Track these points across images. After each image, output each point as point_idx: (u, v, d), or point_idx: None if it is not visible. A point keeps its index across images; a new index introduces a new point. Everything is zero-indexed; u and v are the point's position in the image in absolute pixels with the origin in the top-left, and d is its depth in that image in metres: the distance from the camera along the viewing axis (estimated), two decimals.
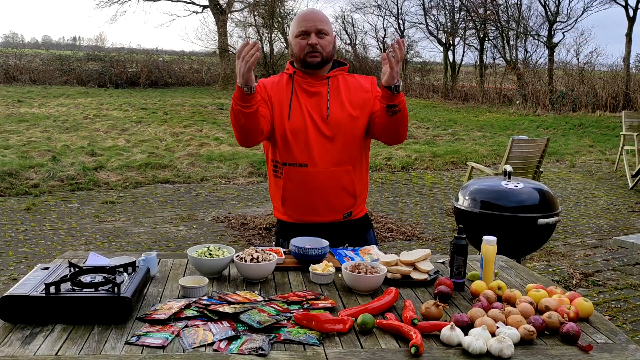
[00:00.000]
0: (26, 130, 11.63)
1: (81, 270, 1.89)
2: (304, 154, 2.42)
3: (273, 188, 2.58)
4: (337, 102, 2.45)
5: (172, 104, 17.49)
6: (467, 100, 21.74)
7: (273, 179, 2.55)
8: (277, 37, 18.16)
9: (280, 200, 2.52)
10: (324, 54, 2.42)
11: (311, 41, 2.39)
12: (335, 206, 2.48)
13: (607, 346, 1.69)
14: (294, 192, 2.47)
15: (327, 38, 2.43)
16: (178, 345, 1.60)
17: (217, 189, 7.80)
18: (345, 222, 2.54)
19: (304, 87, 2.47)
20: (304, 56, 2.42)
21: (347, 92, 2.49)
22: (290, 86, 2.48)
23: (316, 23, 2.40)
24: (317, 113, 2.43)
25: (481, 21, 22.59)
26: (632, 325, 3.98)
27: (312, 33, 2.40)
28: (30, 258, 5.03)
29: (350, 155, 2.46)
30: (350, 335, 1.70)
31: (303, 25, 2.41)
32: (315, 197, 2.45)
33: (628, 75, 17.80)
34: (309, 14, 2.44)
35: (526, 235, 3.60)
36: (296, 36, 2.43)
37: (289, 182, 2.46)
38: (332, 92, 2.46)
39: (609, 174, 9.51)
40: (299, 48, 2.42)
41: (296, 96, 2.46)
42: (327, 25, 2.44)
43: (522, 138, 6.27)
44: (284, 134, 2.44)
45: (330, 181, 2.44)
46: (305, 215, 2.51)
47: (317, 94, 2.46)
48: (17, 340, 1.60)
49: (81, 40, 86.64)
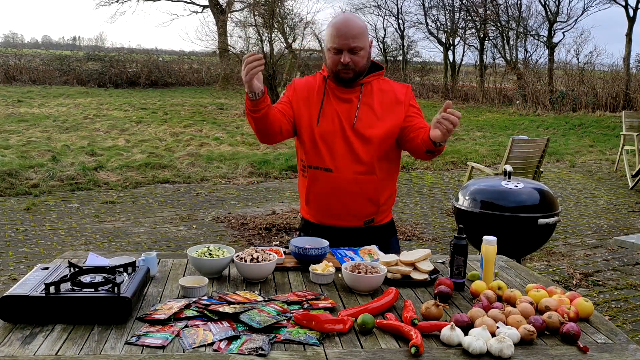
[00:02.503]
0: (26, 130, 11.63)
1: (81, 270, 1.89)
2: (329, 159, 2.43)
3: (300, 186, 2.61)
4: (366, 110, 2.43)
5: (172, 104, 17.49)
6: (467, 100, 21.74)
7: (301, 177, 2.58)
8: (277, 37, 18.15)
9: (305, 200, 2.55)
10: (357, 70, 2.39)
11: (343, 60, 2.35)
12: (356, 212, 2.48)
13: (607, 346, 1.69)
14: (318, 195, 2.50)
15: (361, 53, 2.37)
16: (178, 345, 1.60)
17: (217, 189, 7.80)
18: (367, 227, 2.53)
19: (336, 93, 2.46)
20: (336, 71, 2.40)
21: (379, 100, 2.45)
22: (322, 89, 2.48)
23: (349, 41, 2.33)
24: (346, 120, 2.42)
25: (481, 21, 22.59)
26: (632, 325, 3.98)
27: (344, 51, 2.35)
28: (30, 258, 5.03)
29: (375, 163, 2.44)
30: (350, 335, 1.70)
31: (336, 41, 2.34)
32: (337, 202, 2.46)
33: (628, 75, 17.80)
34: (343, 28, 2.33)
35: (526, 235, 3.60)
36: (329, 49, 2.39)
37: (314, 184, 2.49)
38: (363, 100, 2.44)
39: (609, 174, 9.51)
40: (332, 62, 2.39)
41: (328, 100, 2.45)
42: (362, 39, 2.35)
43: (522, 138, 6.27)
44: (312, 138, 2.44)
45: (353, 188, 2.43)
46: (326, 218, 2.53)
47: (349, 100, 2.44)
48: (17, 340, 1.60)
49: (81, 40, 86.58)
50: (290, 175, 8.59)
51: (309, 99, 2.48)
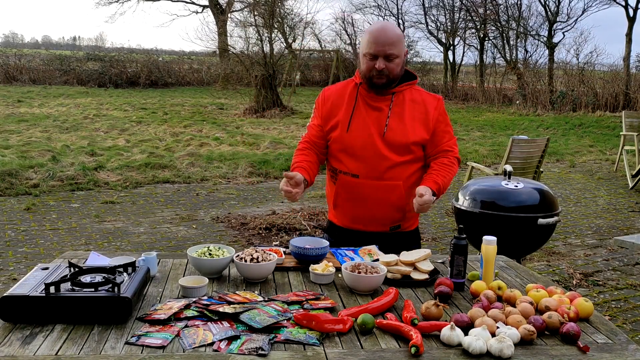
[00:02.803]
0: (26, 130, 11.63)
1: (81, 270, 1.89)
2: (356, 165, 2.45)
3: (328, 190, 2.64)
4: (397, 120, 2.44)
5: (172, 104, 17.49)
6: (467, 100, 21.73)
7: (330, 182, 2.61)
8: (277, 37, 18.16)
9: (333, 204, 2.59)
10: (391, 77, 2.41)
11: (378, 66, 2.36)
12: (382, 219, 2.51)
13: (607, 346, 1.69)
14: (345, 200, 2.53)
15: (396, 60, 2.39)
16: (178, 345, 1.60)
17: (217, 189, 7.80)
18: (392, 234, 2.55)
19: (367, 101, 2.47)
20: (370, 76, 2.41)
21: (410, 111, 2.47)
22: (354, 97, 2.50)
23: (385, 47, 2.35)
24: (375, 128, 2.44)
25: (481, 21, 22.59)
26: (632, 325, 3.98)
27: (380, 57, 2.36)
28: (30, 258, 5.03)
29: (402, 171, 2.46)
30: (350, 335, 1.70)
31: (373, 47, 2.36)
32: (364, 207, 2.49)
33: (628, 75, 17.80)
34: (380, 35, 2.36)
35: (526, 235, 3.59)
36: (364, 54, 2.41)
37: (341, 189, 2.52)
38: (393, 109, 2.45)
39: (609, 174, 9.51)
40: (366, 68, 2.41)
41: (358, 108, 2.47)
42: (398, 46, 2.38)
43: (522, 138, 6.27)
44: (341, 144, 2.47)
45: (379, 194, 2.46)
46: (352, 223, 2.56)
47: (379, 109, 2.46)
48: (17, 340, 1.60)
49: (81, 40, 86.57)
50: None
51: (339, 106, 2.51)
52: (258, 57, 15.95)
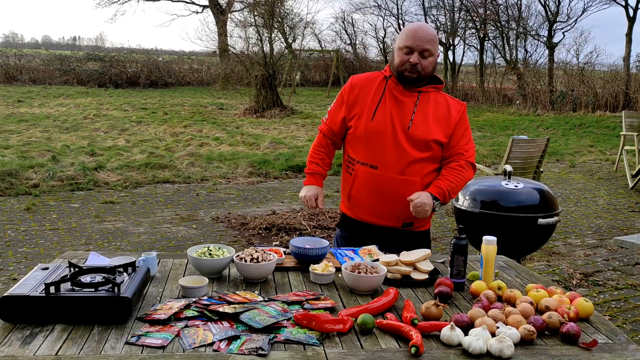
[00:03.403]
0: (26, 130, 11.63)
1: (81, 270, 1.89)
2: (376, 156, 2.48)
3: (343, 182, 2.67)
4: (421, 117, 2.48)
5: (172, 104, 17.49)
6: (467, 100, 21.71)
7: (345, 173, 2.63)
8: (277, 37, 18.16)
9: (347, 195, 2.61)
10: (422, 73, 2.45)
11: (413, 59, 2.41)
12: (396, 213, 2.52)
13: (607, 346, 1.69)
14: (360, 191, 2.55)
15: (430, 59, 2.45)
16: (178, 345, 1.60)
17: (217, 189, 7.80)
18: (403, 231, 2.57)
19: (395, 94, 2.51)
20: (402, 70, 2.45)
21: (434, 111, 2.51)
22: (382, 88, 2.53)
23: (423, 43, 2.41)
24: (399, 122, 2.47)
25: (481, 21, 22.59)
26: (632, 325, 3.98)
27: (416, 52, 2.41)
28: (30, 258, 5.03)
29: (421, 168, 2.49)
30: (350, 335, 1.70)
31: (410, 41, 2.42)
32: (379, 200, 2.51)
33: (628, 75, 17.79)
34: (419, 31, 2.43)
35: (526, 235, 3.60)
36: (400, 48, 2.45)
37: (358, 180, 2.54)
38: (419, 106, 2.49)
39: (609, 174, 9.51)
40: (400, 61, 2.45)
41: (385, 100, 2.50)
42: (434, 45, 2.45)
43: (522, 138, 6.27)
44: (364, 132, 2.50)
45: (396, 188, 2.47)
46: (366, 214, 2.58)
47: (405, 104, 2.49)
48: (17, 340, 1.60)
49: (81, 40, 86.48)
50: (290, 175, 8.60)
51: (366, 95, 2.54)
52: (258, 57, 15.96)
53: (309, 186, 2.63)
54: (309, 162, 2.70)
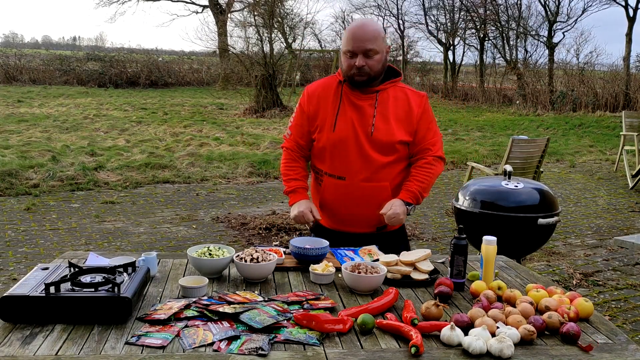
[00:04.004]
0: (26, 130, 11.63)
1: (81, 270, 1.89)
2: (342, 167, 2.43)
3: (314, 191, 2.62)
4: (382, 119, 2.42)
5: (172, 104, 17.49)
6: (467, 100, 21.74)
7: (315, 182, 2.59)
8: (277, 37, 18.17)
9: (319, 205, 2.56)
10: (372, 74, 2.37)
11: (358, 63, 2.33)
12: (369, 220, 2.49)
13: (607, 346, 1.69)
14: (331, 202, 2.51)
15: (376, 57, 2.35)
16: (178, 345, 1.60)
17: (217, 189, 7.80)
18: (379, 234, 2.54)
19: (352, 99, 2.44)
20: (350, 74, 2.39)
21: (394, 109, 2.44)
22: (338, 95, 2.46)
23: (365, 43, 2.32)
24: (361, 128, 2.41)
25: (481, 21, 22.58)
26: (632, 325, 3.98)
27: (359, 54, 2.33)
28: (30, 258, 5.03)
29: (389, 171, 2.45)
30: (350, 335, 1.70)
31: (351, 44, 2.33)
32: (350, 209, 2.48)
33: (628, 75, 17.79)
34: (358, 32, 2.34)
35: (526, 235, 3.59)
36: (344, 52, 2.38)
37: (327, 192, 2.50)
38: (379, 108, 2.42)
39: (609, 174, 9.51)
40: (347, 66, 2.38)
41: (344, 107, 2.43)
42: (377, 42, 2.34)
43: (522, 138, 6.27)
44: (328, 144, 2.44)
45: (367, 196, 2.44)
46: (339, 224, 2.54)
47: (364, 108, 2.43)
48: (17, 340, 1.60)
49: (81, 40, 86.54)
50: None
51: (325, 105, 2.47)
52: (258, 57, 15.96)
53: (297, 203, 2.52)
54: (286, 181, 2.58)
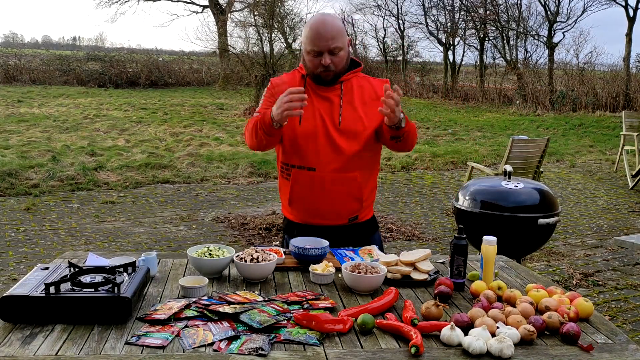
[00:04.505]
0: (26, 130, 11.63)
1: (81, 271, 1.89)
2: (312, 158, 2.41)
3: (282, 187, 2.59)
4: (349, 108, 2.41)
5: (172, 104, 17.49)
6: (467, 100, 21.73)
7: (282, 178, 2.56)
8: (277, 37, 18.18)
9: (288, 200, 2.53)
10: (338, 70, 2.37)
11: (324, 61, 2.31)
12: (340, 211, 2.48)
13: (607, 346, 1.69)
14: (301, 194, 2.48)
15: (341, 53, 2.34)
16: (178, 345, 1.60)
17: (217, 189, 7.80)
18: (350, 225, 2.53)
19: (317, 92, 2.43)
20: (317, 73, 2.37)
21: (360, 97, 2.44)
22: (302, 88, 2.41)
23: (329, 42, 2.29)
24: (329, 119, 2.40)
25: (481, 21, 22.59)
26: (632, 325, 3.98)
27: (324, 52, 2.31)
28: (30, 258, 5.03)
29: (359, 161, 2.44)
30: (350, 335, 1.70)
31: (315, 44, 2.30)
32: (321, 201, 2.45)
33: (628, 75, 17.79)
34: (320, 30, 2.29)
35: (526, 235, 3.60)
36: (308, 52, 2.34)
37: (296, 185, 2.47)
38: (344, 98, 2.42)
39: (609, 174, 9.51)
40: (312, 65, 2.36)
41: (309, 100, 2.39)
42: (341, 39, 2.32)
43: (522, 138, 6.28)
44: (294, 138, 2.42)
45: (337, 186, 2.42)
46: (310, 217, 2.52)
47: (330, 99, 2.42)
48: (17, 340, 1.60)
49: (81, 40, 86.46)
50: None
51: None
52: (258, 57, 15.96)
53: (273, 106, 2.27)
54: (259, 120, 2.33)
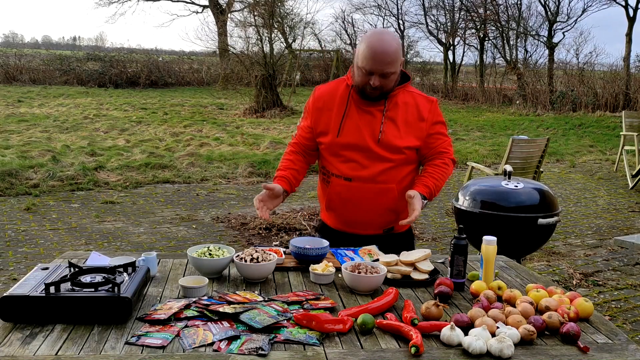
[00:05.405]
0: (26, 130, 11.63)
1: (81, 270, 1.89)
2: (349, 169, 2.42)
3: (320, 191, 2.61)
4: (391, 125, 2.39)
5: (172, 104, 17.49)
6: (467, 100, 21.74)
7: (322, 183, 2.57)
8: (277, 37, 18.19)
9: (326, 206, 2.56)
10: (385, 90, 2.35)
11: (373, 82, 2.29)
12: (375, 221, 2.49)
13: (607, 346, 1.69)
14: (337, 203, 2.50)
15: (392, 77, 2.33)
16: (178, 345, 1.60)
17: (217, 189, 7.80)
18: (385, 236, 2.54)
19: (360, 105, 2.42)
20: (363, 88, 2.35)
21: (403, 114, 2.41)
22: (345, 100, 2.43)
23: (383, 67, 2.26)
24: (369, 133, 2.39)
25: (481, 21, 22.59)
26: (632, 325, 3.98)
27: (376, 74, 2.29)
28: (30, 258, 5.03)
29: (396, 175, 2.44)
30: (350, 335, 1.70)
31: (370, 64, 2.26)
32: (357, 211, 2.46)
33: (628, 75, 17.78)
34: (378, 51, 2.25)
35: (526, 235, 3.59)
36: (360, 67, 2.31)
37: (334, 192, 2.49)
38: (387, 114, 2.40)
39: (609, 174, 9.51)
40: (361, 81, 2.33)
41: (350, 111, 2.40)
42: (395, 64, 2.29)
43: (522, 138, 6.28)
44: (333, 148, 2.43)
45: (373, 198, 2.43)
46: (346, 225, 2.53)
47: (372, 113, 2.40)
48: (17, 340, 1.60)
49: (81, 40, 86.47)
50: None
51: (330, 109, 2.45)
52: (258, 57, 15.96)
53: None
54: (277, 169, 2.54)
